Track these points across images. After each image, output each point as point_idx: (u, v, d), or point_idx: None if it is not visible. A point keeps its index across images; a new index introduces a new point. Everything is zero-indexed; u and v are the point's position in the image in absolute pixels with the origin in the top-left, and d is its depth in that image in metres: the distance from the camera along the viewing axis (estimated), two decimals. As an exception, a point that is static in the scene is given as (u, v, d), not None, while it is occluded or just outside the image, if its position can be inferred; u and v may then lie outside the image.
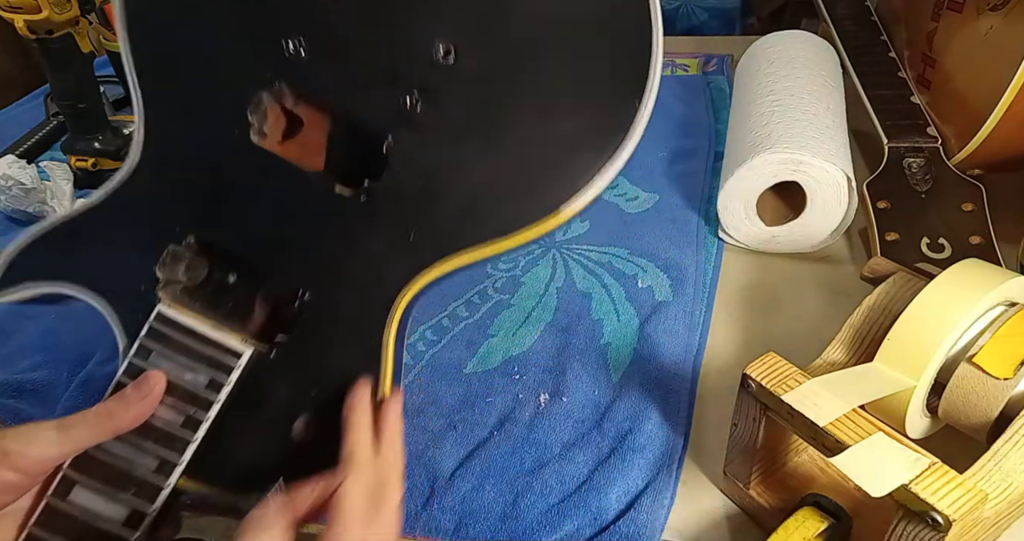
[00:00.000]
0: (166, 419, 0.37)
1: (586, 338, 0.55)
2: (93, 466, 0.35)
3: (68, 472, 0.35)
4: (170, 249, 0.40)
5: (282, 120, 0.42)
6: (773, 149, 0.58)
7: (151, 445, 0.36)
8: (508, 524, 0.44)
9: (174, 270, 0.40)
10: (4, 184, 0.71)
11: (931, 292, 0.39)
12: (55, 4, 0.65)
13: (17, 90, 1.07)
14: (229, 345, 0.39)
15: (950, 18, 0.67)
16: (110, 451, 0.36)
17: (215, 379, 0.38)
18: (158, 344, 0.38)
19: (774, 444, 0.41)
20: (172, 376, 0.37)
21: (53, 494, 0.35)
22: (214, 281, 0.40)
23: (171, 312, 0.39)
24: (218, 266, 0.40)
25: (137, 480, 0.36)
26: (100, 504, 0.35)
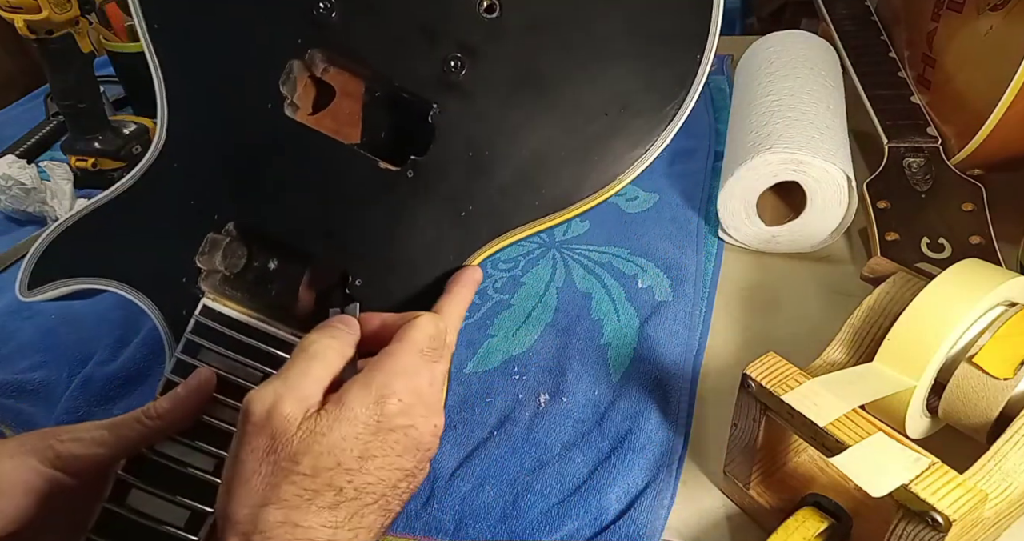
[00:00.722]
0: (221, 418, 0.35)
1: (586, 338, 0.55)
2: (148, 469, 0.34)
3: (123, 476, 0.34)
4: (209, 238, 0.38)
5: (312, 89, 0.40)
6: (773, 149, 0.58)
7: (207, 446, 0.35)
8: (508, 524, 0.44)
9: (212, 259, 0.38)
10: (4, 184, 0.71)
11: (931, 292, 0.39)
12: (55, 4, 0.65)
13: (17, 90, 1.07)
14: (280, 338, 0.37)
15: (950, 18, 0.67)
16: (165, 453, 0.35)
17: (268, 374, 0.36)
18: (205, 339, 0.36)
19: (774, 444, 0.41)
20: (223, 372, 0.36)
21: (109, 499, 0.34)
22: (254, 269, 0.38)
23: (216, 305, 0.37)
24: (258, 252, 0.38)
25: (195, 481, 0.34)
26: (158, 507, 0.34)
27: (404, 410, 0.30)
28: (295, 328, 0.38)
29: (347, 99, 0.40)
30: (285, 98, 0.38)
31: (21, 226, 0.74)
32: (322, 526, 0.28)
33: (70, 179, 0.74)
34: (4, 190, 0.71)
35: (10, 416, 0.53)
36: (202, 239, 0.38)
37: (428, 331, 0.33)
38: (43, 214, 0.73)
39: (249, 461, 0.28)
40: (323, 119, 0.39)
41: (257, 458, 0.28)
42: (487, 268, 0.63)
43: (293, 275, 0.39)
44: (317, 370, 0.30)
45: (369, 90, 0.39)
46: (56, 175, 0.73)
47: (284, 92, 0.38)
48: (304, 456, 0.28)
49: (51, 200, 0.72)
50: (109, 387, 0.54)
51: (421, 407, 0.31)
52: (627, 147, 0.37)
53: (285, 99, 0.38)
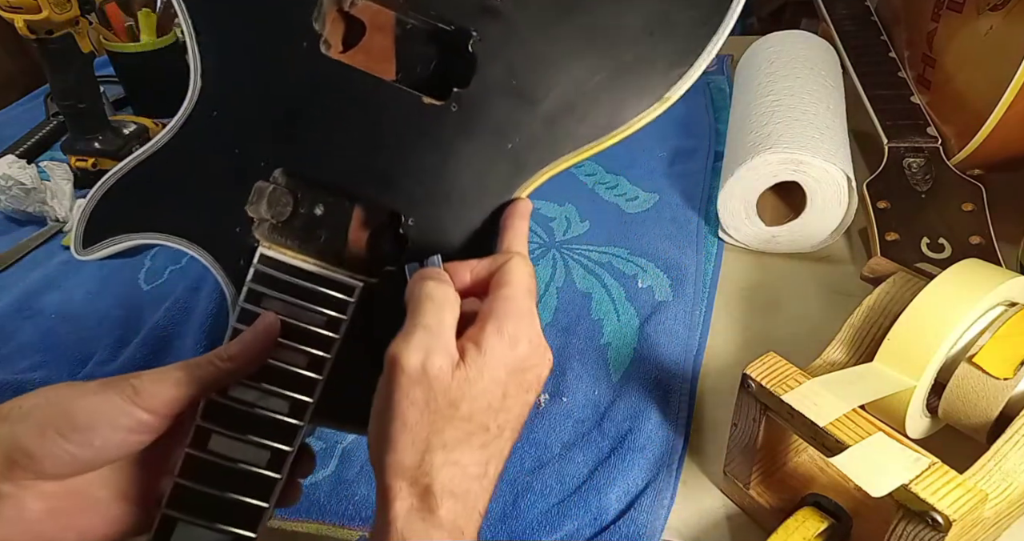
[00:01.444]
0: (290, 361, 0.36)
1: (586, 338, 0.55)
2: (226, 415, 0.35)
3: (202, 423, 0.35)
4: (256, 186, 0.38)
5: (341, 24, 0.39)
6: (773, 149, 0.58)
7: (280, 389, 0.36)
8: (508, 524, 0.44)
9: (258, 208, 0.38)
10: (4, 184, 0.71)
11: (931, 292, 0.39)
12: (55, 4, 0.65)
13: (17, 90, 1.07)
14: (339, 281, 0.37)
15: (950, 18, 0.67)
16: (241, 398, 0.35)
17: (332, 317, 0.37)
18: (266, 287, 0.37)
19: (774, 444, 0.41)
20: (288, 318, 0.36)
21: (191, 445, 0.35)
22: (301, 215, 0.38)
23: (272, 252, 0.37)
24: (303, 198, 0.38)
25: (273, 423, 0.35)
26: (240, 450, 0.35)
27: (532, 351, 0.32)
28: (352, 271, 0.38)
29: (378, 33, 0.39)
30: (319, 35, 0.37)
31: (21, 226, 0.74)
32: (476, 463, 0.31)
33: (70, 179, 0.74)
34: (4, 190, 0.71)
35: (10, 416, 0.53)
36: (250, 187, 0.38)
37: (527, 270, 0.34)
38: (43, 214, 0.73)
39: (410, 412, 0.30)
40: (355, 55, 0.38)
41: (419, 409, 0.30)
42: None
43: (340, 219, 0.39)
44: (449, 318, 0.32)
45: (400, 22, 0.39)
46: (56, 175, 0.73)
47: (317, 29, 0.37)
48: (462, 402, 0.30)
49: (51, 200, 0.72)
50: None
51: (541, 344, 0.33)
52: (671, 65, 0.37)
53: (319, 36, 0.37)
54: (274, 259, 0.37)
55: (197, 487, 0.35)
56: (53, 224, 0.73)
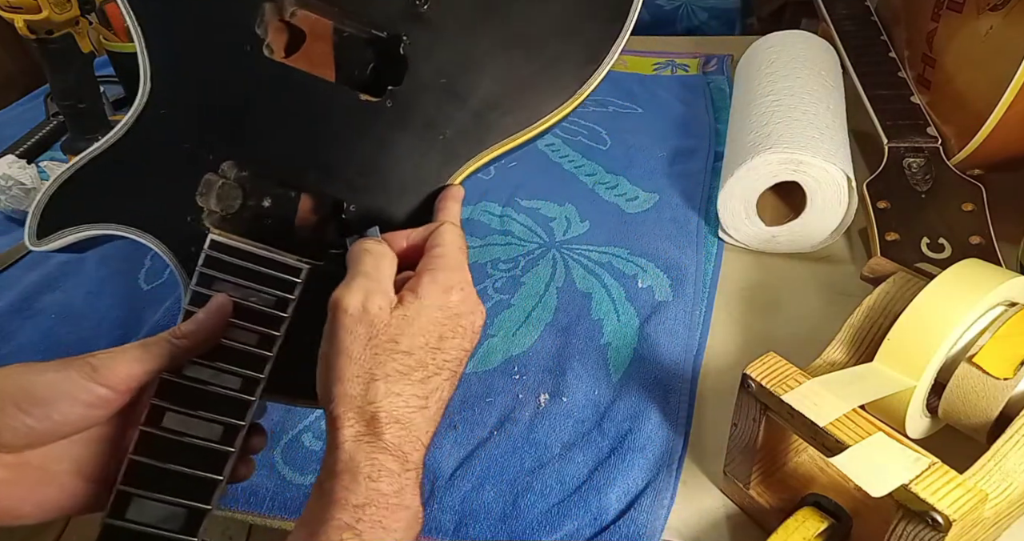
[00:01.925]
0: (242, 340, 0.38)
1: (586, 338, 0.55)
2: (180, 393, 0.37)
3: (156, 402, 0.36)
4: (205, 179, 0.40)
5: (283, 33, 0.42)
6: (773, 149, 0.58)
7: (232, 367, 0.38)
8: (508, 524, 0.44)
9: (208, 201, 0.40)
10: (4, 184, 0.71)
11: (931, 292, 0.39)
12: (55, 4, 0.65)
13: (17, 90, 1.07)
14: (286, 263, 0.40)
15: (950, 18, 0.67)
16: (195, 377, 0.37)
17: (280, 297, 0.39)
18: (217, 271, 0.38)
19: (774, 444, 0.41)
20: (239, 299, 0.38)
21: (145, 423, 0.36)
22: (250, 207, 0.41)
23: (222, 238, 0.39)
24: (252, 192, 0.41)
25: (225, 399, 0.37)
26: (194, 426, 0.37)
27: (464, 299, 0.35)
28: (299, 254, 0.40)
29: (317, 40, 0.42)
30: (262, 40, 0.40)
31: (21, 226, 0.74)
32: (415, 395, 0.33)
33: (70, 179, 0.74)
34: (4, 190, 0.71)
35: (10, 416, 0.53)
36: (199, 179, 0.40)
37: (458, 234, 0.37)
38: (43, 214, 0.73)
39: (354, 347, 0.33)
40: (297, 60, 0.41)
41: (361, 343, 0.33)
42: (487, 268, 0.63)
43: (287, 209, 0.41)
44: (387, 268, 0.35)
45: (337, 30, 0.42)
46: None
47: (260, 34, 0.40)
48: (402, 337, 0.33)
49: (51, 200, 0.72)
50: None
51: (473, 296, 0.36)
52: (582, 64, 0.41)
53: (262, 41, 0.40)
54: (224, 244, 0.39)
55: (152, 463, 0.36)
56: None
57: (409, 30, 0.41)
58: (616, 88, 0.91)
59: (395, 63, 0.41)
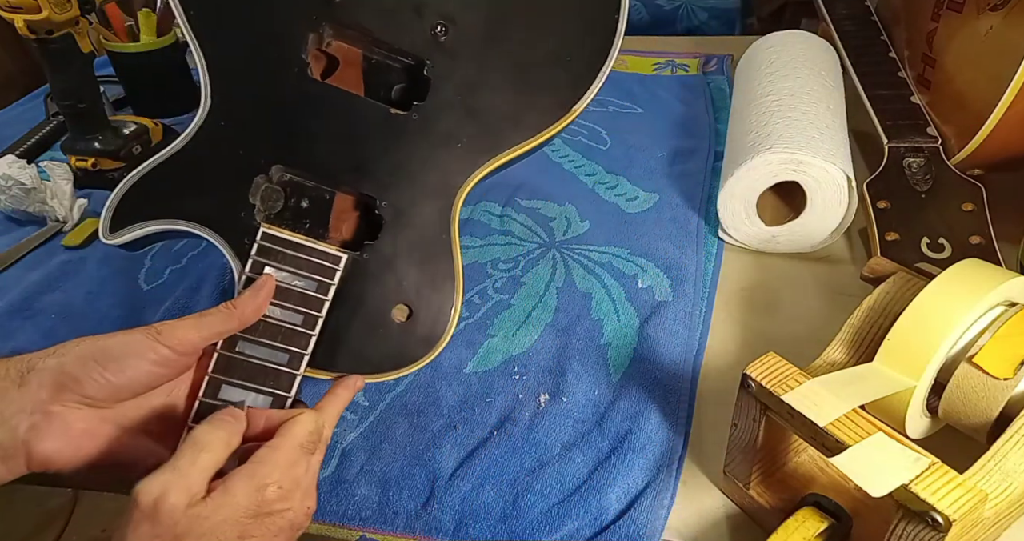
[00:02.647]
0: (288, 320, 0.43)
1: (586, 338, 0.55)
2: (237, 367, 0.42)
3: (214, 375, 0.41)
4: (256, 180, 0.46)
5: (322, 59, 0.50)
6: (773, 149, 0.58)
7: (280, 344, 0.43)
8: (508, 524, 0.44)
9: (269, 200, 0.46)
10: (4, 184, 0.71)
11: (931, 292, 0.39)
12: (55, 4, 0.65)
13: (17, 90, 1.07)
14: (329, 252, 0.46)
15: (950, 18, 0.67)
16: (249, 353, 0.42)
17: (322, 282, 0.45)
18: (267, 259, 0.44)
19: (774, 444, 0.41)
20: (285, 284, 0.44)
21: (204, 395, 0.41)
22: (291, 207, 0.47)
23: (271, 230, 0.45)
24: (291, 194, 0.47)
25: (275, 372, 0.42)
26: (248, 397, 0.42)
27: (282, 496, 0.35)
28: (338, 245, 0.47)
29: (349, 67, 0.50)
30: (307, 63, 0.48)
31: (21, 226, 0.74)
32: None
33: (70, 179, 0.74)
34: (4, 190, 0.71)
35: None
36: (252, 180, 0.46)
37: (308, 427, 0.38)
38: (43, 214, 0.73)
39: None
40: (334, 82, 0.49)
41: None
42: (487, 268, 0.63)
43: (323, 209, 0.48)
44: (204, 460, 0.34)
45: (367, 57, 0.50)
46: (56, 175, 0.73)
47: (305, 59, 0.48)
48: (187, 538, 0.32)
49: (51, 200, 0.72)
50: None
51: (297, 492, 0.36)
52: (575, 86, 0.49)
53: (307, 64, 0.48)
54: (274, 236, 0.45)
55: None
56: (53, 224, 0.73)
57: (431, 56, 0.49)
58: (616, 88, 0.91)
59: (420, 83, 0.49)
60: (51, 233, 0.73)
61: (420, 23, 0.49)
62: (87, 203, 0.75)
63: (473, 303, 0.59)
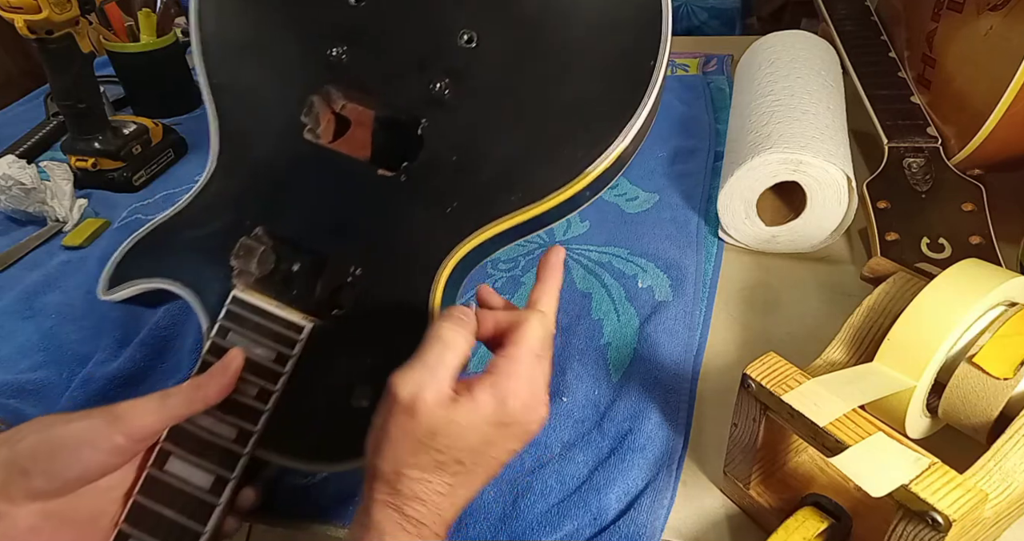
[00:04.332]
0: (241, 392, 0.40)
1: (586, 338, 0.55)
2: (184, 437, 0.39)
3: (164, 444, 0.39)
4: (242, 241, 0.44)
5: (333, 121, 0.47)
6: (773, 149, 0.58)
7: (230, 417, 0.40)
8: (508, 524, 0.44)
9: (247, 262, 0.44)
10: (4, 184, 0.71)
11: (931, 292, 0.39)
12: (55, 4, 0.65)
13: (17, 90, 1.07)
14: (292, 321, 0.42)
15: (950, 18, 0.67)
16: (198, 423, 0.39)
17: (281, 352, 0.42)
18: (234, 324, 0.42)
19: (774, 444, 0.41)
20: (246, 352, 0.41)
21: (153, 465, 0.39)
22: (281, 271, 0.44)
23: (244, 295, 0.43)
24: (284, 256, 0.44)
25: (220, 449, 0.39)
26: (190, 472, 0.39)
27: (521, 409, 0.35)
28: (306, 312, 0.43)
29: (360, 127, 0.47)
30: (305, 125, 0.45)
31: (21, 226, 0.74)
32: (444, 484, 0.35)
33: (70, 179, 0.74)
34: (4, 190, 0.71)
35: (10, 416, 0.53)
36: (236, 242, 0.44)
37: (539, 334, 0.37)
38: (43, 214, 0.73)
39: (395, 432, 0.34)
40: (341, 144, 0.47)
41: (403, 431, 0.34)
42: (487, 268, 0.63)
43: (312, 273, 0.44)
44: (450, 359, 0.35)
45: (378, 118, 0.46)
46: (56, 175, 0.73)
47: (304, 121, 0.45)
48: (439, 435, 0.34)
49: (51, 200, 0.72)
50: (109, 387, 0.54)
51: (535, 402, 0.36)
52: (589, 146, 0.42)
53: (304, 126, 0.45)
54: (243, 300, 0.42)
55: (150, 505, 0.38)
56: (53, 224, 0.73)
57: (427, 113, 0.44)
58: (616, 88, 0.91)
59: (411, 141, 0.45)
60: (51, 233, 0.73)
61: (421, 78, 0.44)
62: (87, 203, 0.75)
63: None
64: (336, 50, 0.45)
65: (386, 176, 0.44)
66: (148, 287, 0.45)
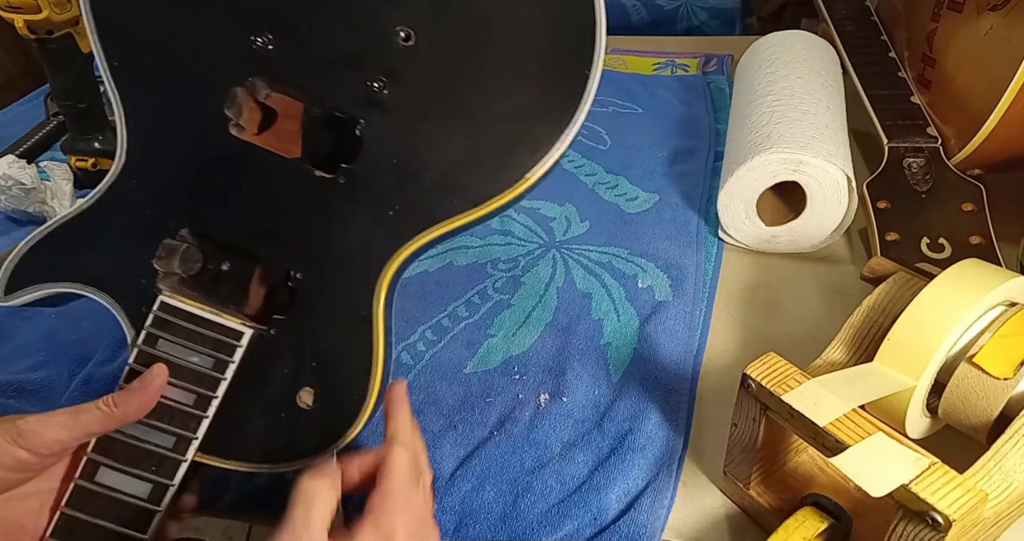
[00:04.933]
0: (179, 399, 0.39)
1: (586, 338, 0.55)
2: (115, 448, 0.38)
3: (92, 455, 0.38)
4: (164, 243, 0.42)
5: (257, 112, 0.44)
6: (773, 149, 0.58)
7: (167, 425, 0.39)
8: (508, 524, 0.44)
9: (170, 263, 0.41)
10: (4, 184, 0.71)
11: (931, 292, 0.39)
12: (55, 4, 0.65)
13: (17, 90, 1.07)
14: (230, 327, 0.41)
15: (950, 18, 0.67)
16: (130, 433, 0.38)
17: (220, 360, 0.40)
18: (164, 331, 0.40)
19: (774, 444, 0.41)
20: (180, 360, 0.40)
21: (80, 476, 0.37)
22: (209, 270, 0.42)
23: (172, 301, 0.41)
24: (211, 256, 0.43)
25: (157, 457, 0.39)
26: (125, 482, 0.38)
27: (411, 535, 0.35)
28: (244, 318, 0.42)
29: (288, 120, 0.44)
30: (230, 120, 0.42)
31: (21, 226, 0.74)
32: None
33: (70, 179, 0.74)
34: (4, 190, 0.71)
35: (10, 416, 0.53)
36: (158, 245, 0.42)
37: (405, 463, 0.37)
38: (43, 214, 0.73)
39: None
40: (267, 138, 0.44)
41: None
42: (487, 268, 0.63)
43: (244, 275, 0.43)
44: (317, 516, 0.34)
45: (307, 111, 0.44)
46: (56, 175, 0.73)
47: (229, 115, 0.42)
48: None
49: (51, 200, 0.72)
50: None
51: (421, 529, 0.36)
52: (530, 151, 0.41)
53: (230, 120, 0.42)
54: (172, 306, 0.41)
55: (82, 517, 0.37)
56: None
57: (365, 113, 0.42)
58: (616, 88, 0.91)
59: (349, 143, 0.43)
60: (51, 233, 0.72)
61: (356, 77, 0.42)
62: (87, 203, 0.75)
63: (473, 303, 0.60)
64: (261, 38, 0.42)
65: (324, 178, 0.43)
66: (54, 291, 0.43)
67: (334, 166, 0.43)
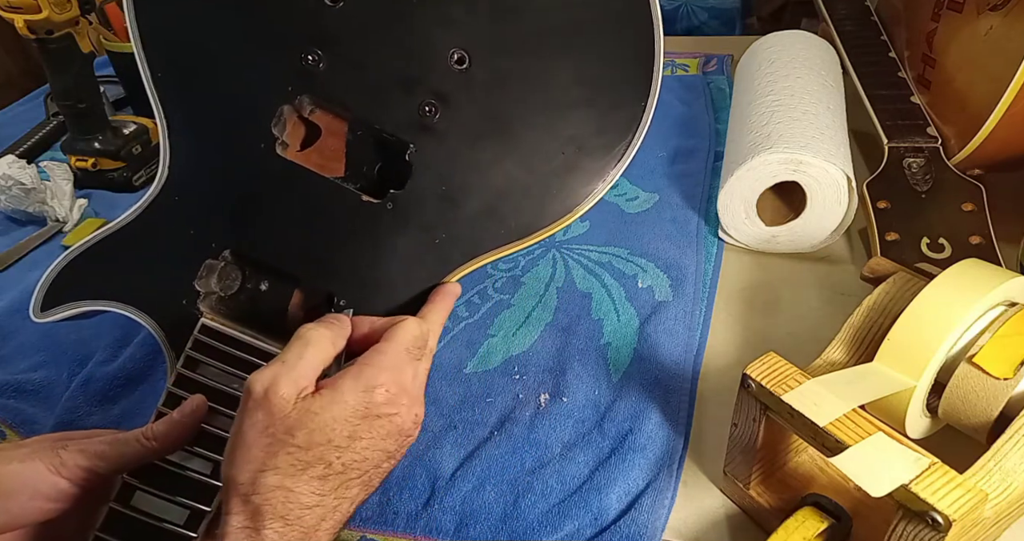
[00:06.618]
0: (217, 425, 0.38)
1: (586, 338, 0.55)
2: (152, 473, 0.37)
3: (128, 479, 0.37)
4: (207, 263, 0.42)
5: (300, 128, 0.43)
6: (773, 149, 0.58)
7: (204, 451, 0.38)
8: (508, 524, 0.44)
9: (208, 281, 0.41)
10: (4, 184, 0.71)
11: (931, 292, 0.39)
12: (55, 4, 0.65)
13: (17, 90, 1.07)
14: (270, 352, 0.40)
15: (950, 18, 0.67)
16: (169, 459, 0.37)
17: None
18: (203, 355, 0.39)
19: (774, 444, 0.41)
20: (219, 384, 0.39)
21: (115, 500, 0.37)
22: (247, 290, 0.42)
23: (213, 324, 0.40)
24: (251, 275, 0.42)
25: (194, 483, 0.37)
26: (161, 507, 0.37)
27: (390, 400, 0.34)
28: (284, 343, 0.41)
29: (332, 137, 0.43)
30: (276, 139, 0.42)
31: (21, 226, 0.74)
32: (311, 493, 0.32)
33: (70, 179, 0.74)
34: (4, 190, 0.71)
35: (10, 416, 0.53)
36: (200, 265, 0.41)
37: (413, 332, 0.37)
38: (43, 214, 0.73)
39: (250, 433, 0.32)
40: (310, 155, 0.43)
41: (257, 431, 0.32)
42: (487, 268, 0.63)
43: (283, 296, 0.42)
44: (311, 355, 0.34)
45: (352, 129, 0.43)
46: (56, 175, 0.73)
47: (275, 133, 0.42)
48: (298, 431, 0.32)
49: (51, 200, 0.72)
50: (109, 387, 0.54)
51: (405, 398, 0.35)
52: (582, 183, 0.41)
53: (276, 139, 0.42)
54: (213, 329, 0.40)
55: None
56: (53, 224, 0.73)
57: (416, 138, 0.42)
58: (616, 88, 0.91)
59: (399, 168, 0.42)
60: (51, 233, 0.73)
61: (408, 100, 0.41)
62: (87, 203, 0.75)
63: (473, 303, 0.60)
64: (311, 56, 0.41)
65: (371, 203, 0.42)
66: (88, 309, 0.41)
67: (382, 192, 0.42)
